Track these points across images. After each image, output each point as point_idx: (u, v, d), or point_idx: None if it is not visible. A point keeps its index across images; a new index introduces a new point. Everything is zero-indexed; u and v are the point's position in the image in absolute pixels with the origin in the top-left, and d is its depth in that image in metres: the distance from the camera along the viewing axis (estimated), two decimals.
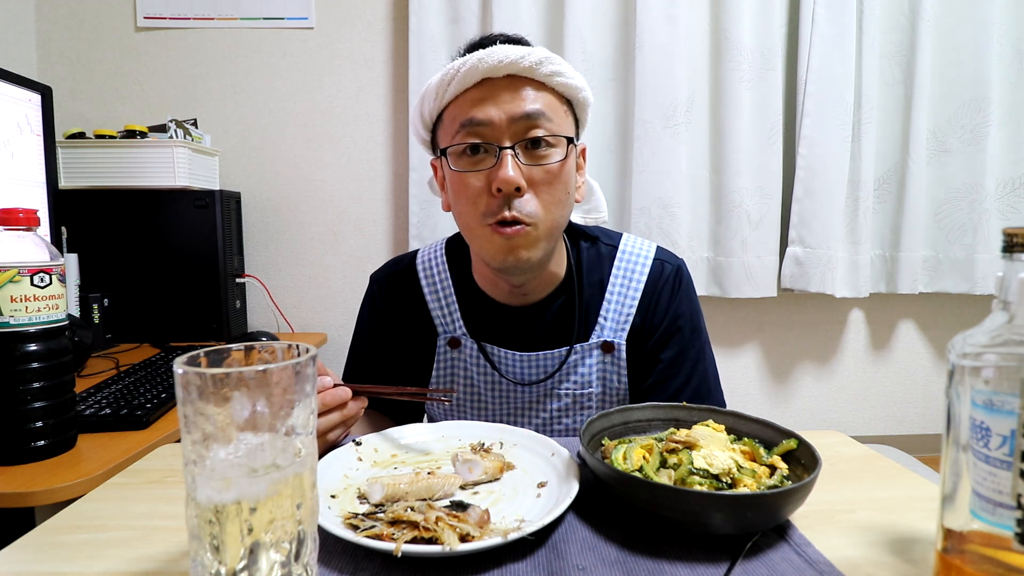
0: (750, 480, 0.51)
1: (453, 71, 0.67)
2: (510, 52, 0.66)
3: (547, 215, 0.69)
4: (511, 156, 0.67)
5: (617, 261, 0.81)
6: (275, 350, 0.38)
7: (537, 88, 0.68)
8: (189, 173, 1.48)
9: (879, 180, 1.82)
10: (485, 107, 0.67)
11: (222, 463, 0.33)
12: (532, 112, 0.67)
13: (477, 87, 0.67)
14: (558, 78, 0.69)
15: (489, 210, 0.68)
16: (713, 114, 1.75)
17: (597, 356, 0.79)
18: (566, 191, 0.71)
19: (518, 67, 0.66)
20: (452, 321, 0.82)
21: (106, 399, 0.93)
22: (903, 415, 1.99)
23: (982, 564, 0.36)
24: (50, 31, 1.70)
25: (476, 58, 0.66)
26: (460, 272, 0.83)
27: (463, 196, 0.70)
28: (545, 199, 0.69)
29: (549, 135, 0.68)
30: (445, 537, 0.42)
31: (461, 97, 0.69)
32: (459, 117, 0.68)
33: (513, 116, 0.67)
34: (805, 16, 1.70)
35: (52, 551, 0.46)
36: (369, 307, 0.89)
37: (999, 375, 0.35)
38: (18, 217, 0.69)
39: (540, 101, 0.68)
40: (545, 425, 0.81)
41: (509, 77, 0.67)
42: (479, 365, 0.80)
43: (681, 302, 0.81)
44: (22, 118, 1.15)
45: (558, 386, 0.79)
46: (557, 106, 0.70)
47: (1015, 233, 0.36)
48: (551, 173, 0.69)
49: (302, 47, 1.75)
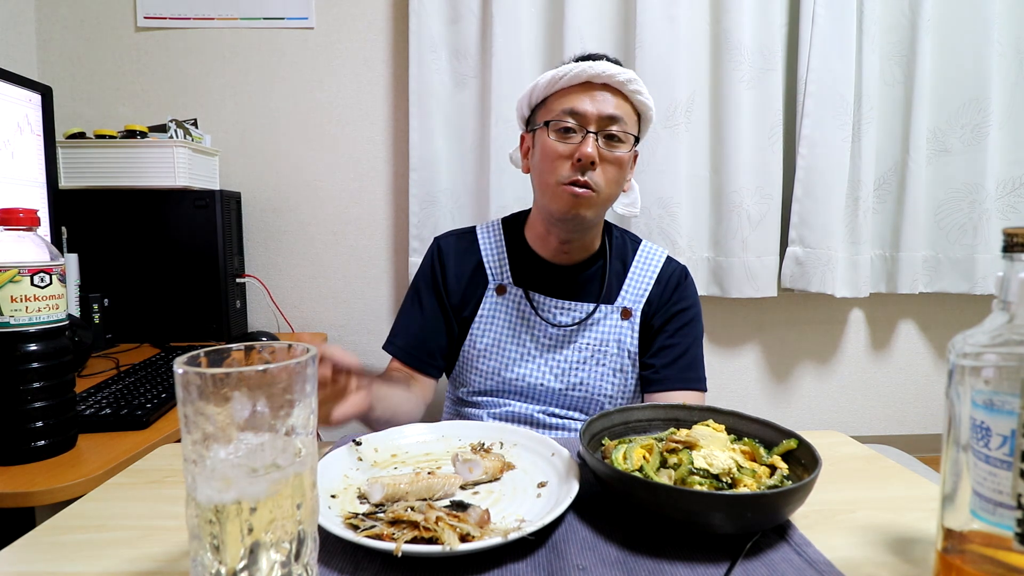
0: (750, 480, 0.51)
1: (567, 70, 0.89)
2: (609, 67, 0.88)
3: (607, 188, 0.91)
4: (594, 138, 0.88)
5: (639, 251, 1.04)
6: (275, 350, 0.38)
7: (622, 99, 0.91)
8: (189, 173, 1.48)
9: (879, 180, 1.82)
10: (584, 101, 0.89)
11: (222, 463, 0.33)
12: (615, 115, 0.89)
13: (581, 86, 0.90)
14: (639, 96, 0.91)
15: (568, 174, 0.89)
16: (713, 114, 1.75)
17: (616, 319, 0.98)
18: (623, 176, 0.94)
19: (614, 80, 0.89)
20: (502, 271, 1.01)
21: (106, 399, 0.93)
22: (903, 415, 1.99)
23: (982, 564, 0.36)
24: (50, 31, 1.70)
25: (586, 65, 0.88)
26: (513, 237, 1.03)
27: (551, 159, 0.91)
28: (609, 176, 0.90)
29: (622, 133, 0.90)
30: (445, 537, 0.42)
31: (567, 91, 0.91)
32: (564, 104, 0.90)
33: (602, 114, 0.89)
34: (805, 16, 1.69)
35: (52, 551, 0.46)
36: (432, 259, 1.05)
37: (999, 375, 0.35)
38: (18, 217, 0.69)
39: (622, 108, 0.91)
40: (564, 374, 0.96)
41: (605, 85, 0.90)
42: (520, 308, 0.98)
43: (685, 291, 1.01)
44: (22, 118, 1.15)
45: (580, 338, 0.97)
46: (632, 115, 0.93)
47: (1015, 233, 0.36)
48: (617, 159, 0.91)
49: (302, 47, 1.75)
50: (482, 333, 0.98)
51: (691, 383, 0.97)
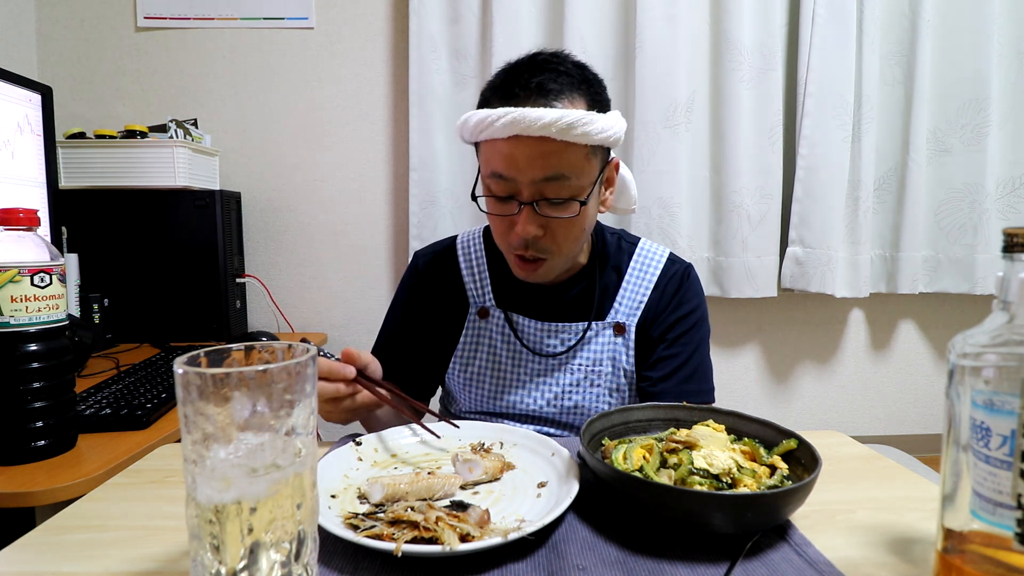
0: (750, 480, 0.51)
1: (494, 117, 0.69)
2: (544, 115, 0.67)
3: (563, 250, 0.78)
4: (530, 211, 0.73)
5: (636, 255, 0.90)
6: (275, 350, 0.38)
7: (563, 147, 0.70)
8: (189, 173, 1.48)
9: (879, 180, 1.82)
10: (512, 163, 0.72)
11: (222, 463, 0.33)
12: (555, 175, 0.71)
13: (509, 140, 0.71)
14: (588, 137, 0.70)
15: (513, 243, 0.77)
16: (713, 114, 1.75)
17: (609, 336, 0.87)
18: (582, 230, 0.78)
19: (549, 131, 0.68)
20: (483, 293, 0.90)
21: (106, 399, 0.93)
22: (903, 415, 1.99)
23: (982, 564, 0.36)
24: (50, 31, 1.70)
25: (512, 117, 0.68)
26: (494, 253, 0.90)
27: (493, 226, 0.81)
28: (561, 239, 0.77)
29: (568, 196, 0.73)
30: (445, 537, 0.42)
31: (494, 143, 0.72)
32: (490, 162, 0.74)
33: (535, 178, 0.72)
34: (805, 16, 1.70)
35: (52, 551, 0.46)
36: (410, 278, 0.96)
37: (999, 375, 0.35)
38: (18, 217, 0.69)
39: (566, 161, 0.71)
40: (556, 399, 0.87)
41: (539, 136, 0.69)
42: (503, 334, 0.88)
43: (687, 294, 0.89)
44: (22, 118, 1.15)
45: (572, 360, 0.87)
46: (584, 159, 0.73)
47: (1015, 233, 0.36)
48: (567, 222, 0.75)
49: (302, 47, 1.75)
50: (466, 363, 0.89)
51: (690, 396, 0.81)
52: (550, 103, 0.71)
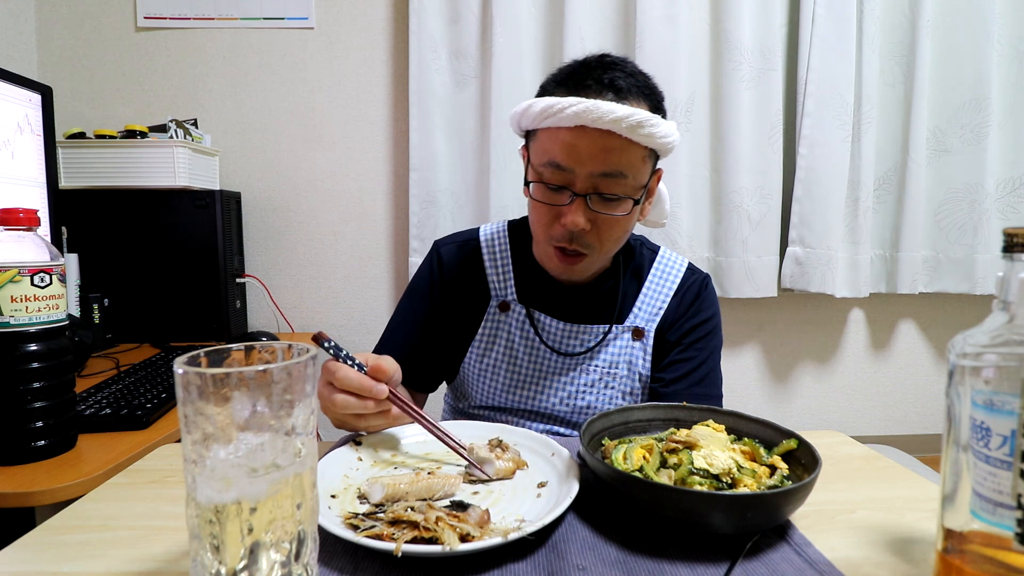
0: (750, 480, 0.51)
1: (563, 105, 0.69)
2: (616, 110, 0.68)
3: (604, 248, 0.79)
4: (581, 203, 0.74)
5: (656, 263, 0.92)
6: (275, 350, 0.38)
7: (626, 144, 0.71)
8: (189, 173, 1.48)
9: (879, 180, 1.82)
10: (573, 154, 0.71)
11: (222, 463, 0.33)
12: (613, 171, 0.72)
13: (573, 129, 0.71)
14: (652, 139, 0.71)
15: (556, 235, 0.77)
16: (713, 114, 1.75)
17: (627, 339, 0.88)
18: (625, 231, 0.80)
19: (619, 126, 0.69)
20: (506, 287, 0.90)
21: (106, 399, 0.93)
22: (903, 415, 1.99)
23: (982, 564, 0.36)
24: (50, 31, 1.70)
25: (584, 107, 0.68)
26: (519, 248, 0.91)
27: (537, 215, 0.79)
28: (605, 236, 0.77)
29: (622, 190, 0.74)
30: (445, 537, 0.42)
31: (557, 130, 0.72)
32: (549, 151, 0.73)
33: (593, 172, 0.72)
34: (805, 16, 1.70)
35: (52, 551, 0.46)
36: (430, 267, 0.95)
37: (999, 375, 0.35)
38: (18, 217, 0.69)
39: (625, 159, 0.72)
40: (570, 397, 0.88)
41: (605, 130, 0.70)
42: (523, 329, 0.88)
43: (704, 303, 0.91)
44: (22, 118, 1.15)
45: (589, 361, 0.87)
46: (641, 160, 0.74)
47: (1015, 233, 0.36)
48: (616, 220, 0.76)
49: (302, 47, 1.75)
50: (483, 353, 0.90)
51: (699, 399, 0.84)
52: (620, 100, 0.71)
